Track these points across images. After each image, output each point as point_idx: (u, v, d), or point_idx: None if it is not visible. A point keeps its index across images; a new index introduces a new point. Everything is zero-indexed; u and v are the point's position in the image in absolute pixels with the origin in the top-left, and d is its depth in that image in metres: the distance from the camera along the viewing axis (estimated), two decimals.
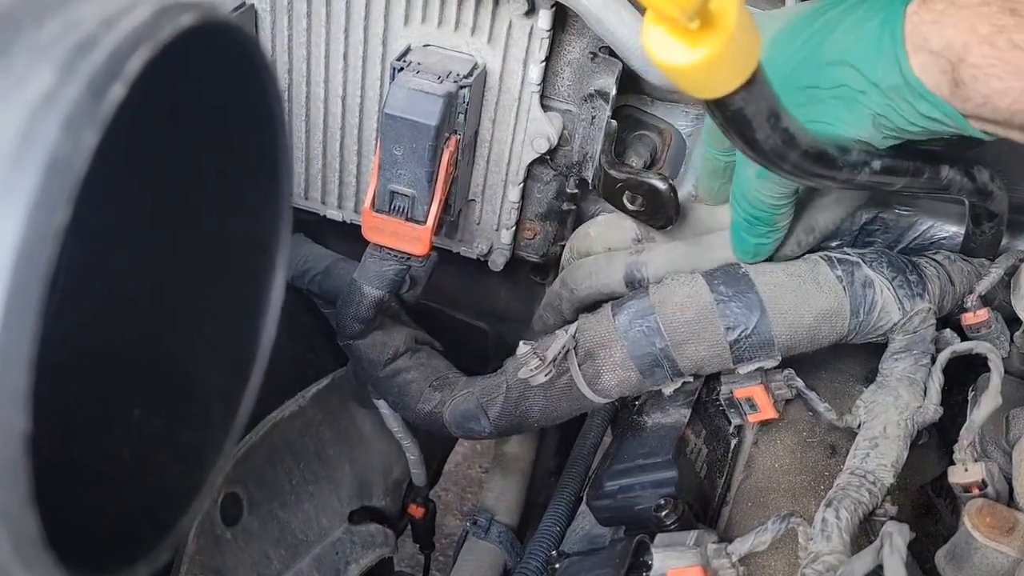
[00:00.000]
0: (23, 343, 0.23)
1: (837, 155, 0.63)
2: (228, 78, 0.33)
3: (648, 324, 0.80)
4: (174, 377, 0.40)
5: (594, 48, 0.90)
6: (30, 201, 0.23)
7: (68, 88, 0.24)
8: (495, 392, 0.89)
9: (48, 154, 0.23)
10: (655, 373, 0.81)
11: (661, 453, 0.79)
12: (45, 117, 0.24)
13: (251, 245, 0.38)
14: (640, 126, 0.99)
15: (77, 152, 0.24)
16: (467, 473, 2.23)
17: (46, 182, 0.23)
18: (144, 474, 0.37)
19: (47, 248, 0.23)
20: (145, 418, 0.38)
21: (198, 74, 0.32)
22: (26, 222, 0.23)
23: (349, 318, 0.93)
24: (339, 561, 1.07)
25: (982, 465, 0.70)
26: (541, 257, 1.03)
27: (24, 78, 0.24)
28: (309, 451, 1.04)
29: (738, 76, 0.50)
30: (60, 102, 0.24)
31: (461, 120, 0.87)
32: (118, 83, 0.25)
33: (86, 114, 0.24)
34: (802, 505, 0.77)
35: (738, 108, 0.53)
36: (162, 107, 0.27)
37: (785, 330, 0.77)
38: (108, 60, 0.25)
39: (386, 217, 0.88)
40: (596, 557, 0.74)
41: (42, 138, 0.23)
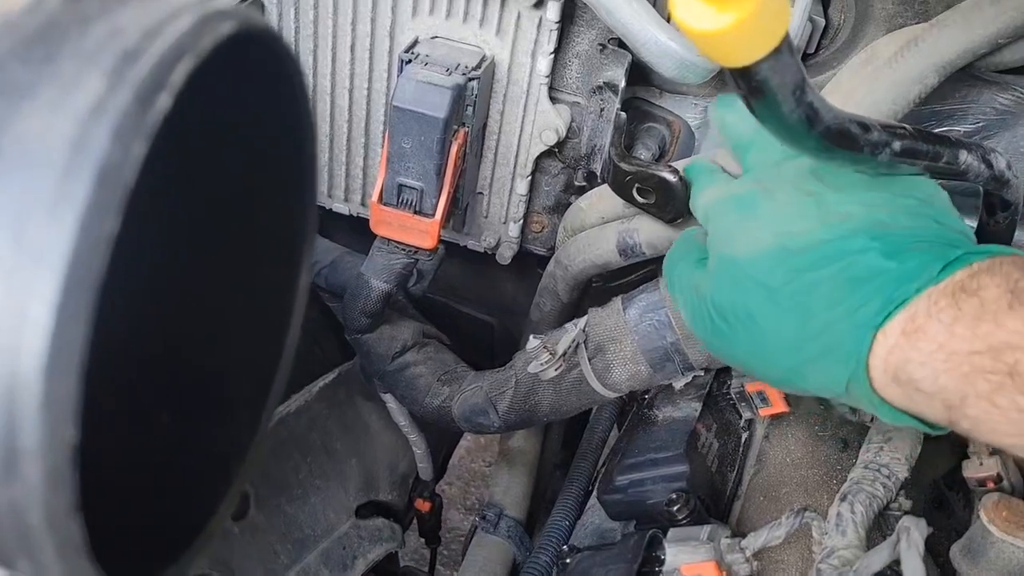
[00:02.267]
0: (74, 353, 0.23)
1: (859, 134, 0.62)
2: (260, 82, 0.33)
3: (659, 318, 0.80)
4: (201, 381, 0.39)
5: (603, 40, 0.89)
6: (82, 210, 0.23)
7: (117, 97, 0.24)
8: (504, 386, 0.89)
9: (99, 163, 0.23)
10: (666, 367, 0.81)
11: (672, 447, 0.79)
12: (95, 126, 0.23)
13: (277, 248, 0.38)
14: (648, 118, 0.99)
15: (127, 161, 0.23)
16: (471, 467, 2.23)
17: (97, 191, 0.23)
18: (172, 478, 0.37)
19: (98, 257, 0.23)
20: (174, 422, 0.38)
21: (232, 79, 0.32)
22: (78, 231, 0.23)
23: (357, 312, 0.92)
24: (346, 556, 1.07)
25: (997, 459, 0.70)
26: (549, 250, 1.03)
27: (73, 86, 0.24)
28: (316, 445, 1.04)
29: (766, 43, 0.48)
30: (109, 111, 0.24)
31: (469, 113, 0.86)
32: (164, 92, 0.24)
33: (135, 124, 0.24)
34: (815, 499, 0.77)
35: (764, 78, 0.51)
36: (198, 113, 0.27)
37: None
38: (154, 70, 0.24)
39: (394, 210, 0.87)
40: (608, 552, 0.74)
41: (93, 147, 0.23)
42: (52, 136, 0.23)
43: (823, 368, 0.55)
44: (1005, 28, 0.77)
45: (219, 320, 0.39)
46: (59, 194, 0.23)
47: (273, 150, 0.36)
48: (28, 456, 0.24)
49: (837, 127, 0.60)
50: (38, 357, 0.23)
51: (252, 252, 0.38)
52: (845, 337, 0.54)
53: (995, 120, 0.91)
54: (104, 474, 0.32)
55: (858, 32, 0.89)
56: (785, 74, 0.52)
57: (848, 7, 0.89)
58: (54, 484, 0.24)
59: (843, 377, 0.54)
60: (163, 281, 0.37)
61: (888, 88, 0.82)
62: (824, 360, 0.55)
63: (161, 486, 0.37)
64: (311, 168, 0.36)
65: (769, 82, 0.52)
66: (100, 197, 0.23)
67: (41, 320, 0.23)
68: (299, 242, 0.38)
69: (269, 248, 0.38)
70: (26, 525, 0.24)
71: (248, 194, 0.37)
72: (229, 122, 0.35)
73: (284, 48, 0.32)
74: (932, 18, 0.85)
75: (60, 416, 0.24)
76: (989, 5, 0.77)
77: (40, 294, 0.23)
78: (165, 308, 0.37)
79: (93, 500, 0.28)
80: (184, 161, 0.31)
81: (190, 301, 0.38)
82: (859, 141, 0.63)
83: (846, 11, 0.89)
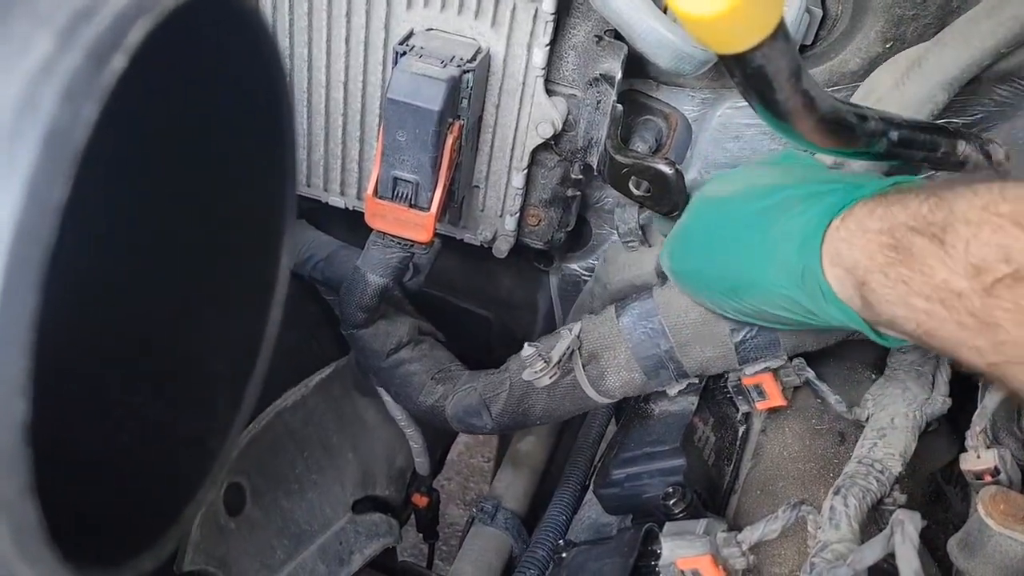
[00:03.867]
0: (21, 323, 0.22)
1: (856, 123, 0.62)
2: (231, 51, 0.32)
3: (652, 326, 0.79)
4: (177, 362, 0.39)
5: (599, 31, 0.88)
6: (29, 174, 0.22)
7: (67, 57, 0.23)
8: (498, 389, 0.88)
9: (47, 125, 0.22)
10: (660, 374, 0.80)
11: (669, 441, 0.78)
12: (44, 86, 0.23)
13: (256, 227, 0.37)
14: (645, 111, 0.98)
15: (76, 124, 0.23)
16: (470, 462, 2.22)
17: (45, 154, 0.22)
18: (147, 462, 0.36)
19: (47, 224, 0.22)
20: (147, 404, 0.37)
21: (200, 46, 0.31)
22: (25, 196, 0.22)
23: (353, 306, 0.92)
24: (343, 551, 1.06)
25: (995, 452, 0.69)
26: (545, 244, 1.02)
27: (23, 46, 0.23)
28: (312, 440, 1.03)
29: (761, 29, 0.48)
30: (59, 71, 0.23)
31: (465, 105, 0.86)
32: (119, 53, 0.24)
33: (86, 84, 0.23)
34: (811, 493, 0.76)
35: (759, 65, 0.51)
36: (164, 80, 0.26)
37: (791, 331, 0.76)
38: (109, 29, 0.24)
39: (389, 204, 0.86)
40: (604, 546, 0.73)
41: (41, 108, 0.22)
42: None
43: (782, 261, 0.64)
44: (1004, 39, 0.77)
45: (195, 300, 0.38)
46: (4, 158, 0.22)
47: (248, 121, 0.35)
48: None
49: (834, 115, 0.59)
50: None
51: (231, 231, 0.38)
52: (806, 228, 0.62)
53: (994, 111, 0.90)
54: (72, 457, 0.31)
55: (856, 23, 0.88)
56: (780, 61, 0.52)
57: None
58: (5, 464, 0.23)
59: (799, 266, 0.62)
60: (138, 263, 0.36)
61: (899, 111, 0.81)
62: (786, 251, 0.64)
63: (134, 470, 0.36)
64: (289, 141, 0.35)
65: (764, 69, 0.51)
66: (48, 161, 0.22)
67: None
68: (279, 218, 0.37)
69: (248, 226, 0.37)
70: None
71: (224, 169, 0.37)
72: (200, 92, 0.34)
73: (253, 12, 0.31)
74: (929, 9, 0.85)
75: (8, 394, 0.23)
76: (985, 19, 0.78)
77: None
78: (136, 287, 0.37)
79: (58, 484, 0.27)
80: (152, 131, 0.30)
81: (167, 282, 0.38)
82: (856, 130, 0.62)
83: (843, 2, 0.88)
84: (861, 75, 0.89)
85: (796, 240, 0.63)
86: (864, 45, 0.88)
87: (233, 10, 0.30)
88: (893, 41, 0.87)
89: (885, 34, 0.87)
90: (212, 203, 0.37)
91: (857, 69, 0.90)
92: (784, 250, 0.64)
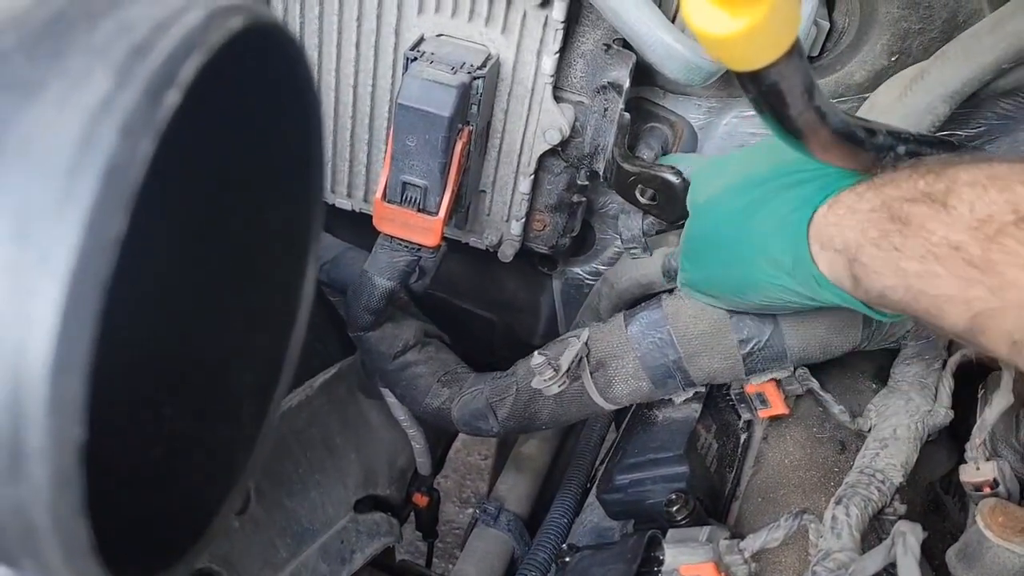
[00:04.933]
0: (80, 354, 0.23)
1: (865, 138, 0.63)
2: (268, 77, 0.33)
3: (661, 335, 0.80)
4: (204, 374, 0.39)
5: (608, 40, 0.89)
6: (88, 210, 0.23)
7: (125, 94, 0.24)
8: (505, 393, 0.89)
9: (106, 162, 0.23)
10: (667, 384, 0.81)
11: (673, 448, 0.79)
12: (103, 123, 0.23)
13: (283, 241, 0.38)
14: (651, 118, 0.99)
15: (134, 160, 0.23)
16: (467, 460, 2.23)
17: (104, 190, 0.23)
18: (175, 474, 0.37)
19: (105, 258, 0.23)
20: (175, 415, 0.38)
21: (241, 74, 0.32)
22: (84, 232, 0.23)
23: (360, 309, 0.92)
24: (344, 550, 1.07)
25: (994, 464, 0.70)
26: (550, 249, 1.03)
27: (80, 82, 0.24)
28: (316, 440, 1.04)
29: (777, 48, 0.49)
30: (118, 108, 0.23)
31: (474, 111, 0.86)
32: (173, 89, 0.24)
33: (143, 121, 0.24)
34: (812, 501, 0.77)
35: (773, 82, 0.52)
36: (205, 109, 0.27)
37: (798, 342, 0.77)
38: (163, 65, 0.24)
39: (397, 208, 0.87)
40: (608, 552, 0.74)
41: (100, 145, 0.23)
42: (59, 133, 0.23)
43: (773, 253, 0.67)
44: (1006, 54, 0.78)
45: (225, 314, 0.39)
46: (65, 193, 0.23)
47: (280, 144, 0.36)
48: (34, 457, 0.23)
49: (844, 130, 0.60)
50: (44, 358, 0.23)
51: (259, 246, 0.38)
52: (790, 220, 0.65)
53: (996, 124, 0.91)
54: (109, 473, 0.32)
55: (862, 36, 0.89)
56: (794, 78, 0.52)
57: (852, 11, 0.89)
58: (61, 485, 0.24)
59: (789, 254, 0.65)
60: (169, 278, 0.37)
61: (900, 121, 0.83)
62: (773, 244, 0.66)
63: (165, 483, 0.37)
64: (318, 162, 0.36)
65: (779, 85, 0.52)
66: (107, 196, 0.23)
67: (47, 321, 0.23)
68: (306, 235, 0.38)
69: (276, 241, 0.38)
70: (32, 526, 0.24)
71: (254, 188, 0.37)
72: (235, 117, 0.34)
73: (293, 43, 0.32)
74: (935, 24, 0.86)
75: (67, 417, 0.23)
76: (987, 34, 0.79)
77: (45, 295, 0.23)
78: (170, 304, 0.37)
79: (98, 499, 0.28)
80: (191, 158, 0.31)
81: (196, 296, 0.38)
82: (865, 144, 0.63)
83: (850, 14, 0.89)
84: (867, 87, 0.90)
85: (781, 233, 0.66)
86: (870, 58, 0.89)
87: (274, 41, 0.31)
88: (899, 54, 0.88)
89: (891, 47, 0.88)
90: (244, 221, 0.38)
91: (863, 81, 0.90)
92: (771, 244, 0.67)
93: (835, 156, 0.62)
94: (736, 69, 0.51)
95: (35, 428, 0.23)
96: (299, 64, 0.33)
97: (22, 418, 0.23)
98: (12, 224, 0.23)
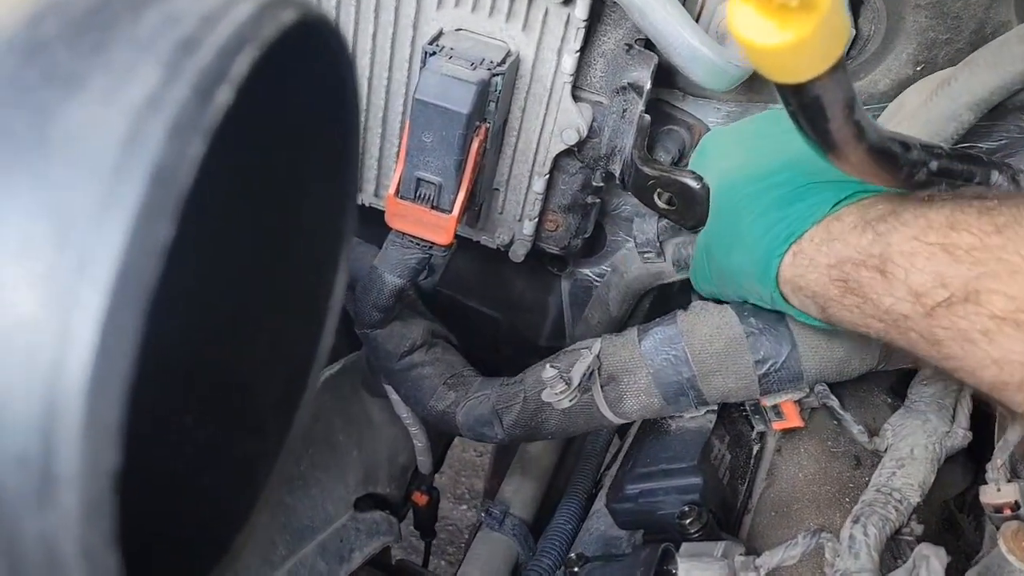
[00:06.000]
0: (120, 373, 0.21)
1: (900, 152, 0.61)
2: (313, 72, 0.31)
3: (675, 352, 0.78)
4: (228, 383, 0.37)
5: (630, 40, 0.87)
6: (134, 215, 0.21)
7: (174, 90, 0.22)
8: (512, 401, 0.87)
9: (153, 163, 0.21)
10: (679, 401, 0.79)
11: (686, 459, 0.78)
12: (150, 121, 0.21)
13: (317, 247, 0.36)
14: (669, 120, 0.97)
15: (183, 161, 0.21)
16: (462, 456, 2.21)
17: (151, 194, 0.21)
18: (198, 489, 0.35)
19: (150, 267, 0.21)
20: (198, 425, 0.36)
21: (286, 69, 0.30)
22: (129, 238, 0.21)
23: (368, 306, 0.90)
24: (343, 548, 1.05)
25: (1015, 486, 0.69)
26: (562, 250, 1.01)
27: (126, 76, 0.22)
28: (318, 437, 1.02)
29: (824, 61, 0.47)
30: (166, 105, 0.22)
31: (492, 108, 0.84)
32: (225, 85, 0.22)
33: (193, 120, 0.22)
34: (827, 517, 0.76)
35: (816, 96, 0.50)
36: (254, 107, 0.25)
37: (815, 364, 0.75)
38: (215, 60, 0.22)
39: (411, 204, 0.85)
40: (619, 564, 0.73)
41: (147, 145, 0.21)
42: (103, 131, 0.21)
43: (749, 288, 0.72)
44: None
45: (254, 323, 0.37)
46: (109, 196, 0.21)
47: (317, 142, 0.34)
48: (65, 484, 0.22)
49: (880, 145, 0.58)
50: (81, 377, 0.21)
51: (292, 253, 0.36)
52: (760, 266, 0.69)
53: (1018, 138, 0.90)
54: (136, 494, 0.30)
55: (888, 44, 0.88)
56: (838, 91, 0.51)
57: (879, 18, 0.88)
58: (92, 514, 0.22)
59: (767, 293, 0.70)
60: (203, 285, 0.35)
61: (924, 126, 0.81)
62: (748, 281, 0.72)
63: (185, 496, 0.35)
64: (353, 161, 0.34)
65: (821, 100, 0.50)
66: (154, 200, 0.21)
67: (85, 336, 0.21)
68: (338, 241, 0.36)
69: (309, 248, 0.36)
70: (59, 557, 0.22)
71: (289, 189, 0.35)
72: (277, 114, 0.32)
73: (339, 38, 0.30)
74: (963, 34, 0.84)
75: (102, 442, 0.22)
76: (1017, 43, 0.77)
77: (85, 307, 0.21)
78: (202, 312, 0.35)
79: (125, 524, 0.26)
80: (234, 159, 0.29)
81: (227, 304, 0.36)
82: (899, 160, 0.62)
83: (877, 22, 0.88)
84: (890, 96, 0.89)
85: (756, 271, 0.70)
86: (895, 67, 0.88)
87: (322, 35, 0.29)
88: (924, 64, 0.87)
89: (916, 57, 0.87)
90: (281, 226, 0.36)
91: (887, 90, 0.89)
92: (748, 279, 0.71)
93: (868, 172, 0.61)
94: (779, 81, 0.49)
95: (68, 453, 0.21)
96: (343, 59, 0.31)
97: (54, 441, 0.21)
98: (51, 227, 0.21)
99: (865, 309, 0.61)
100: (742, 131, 0.84)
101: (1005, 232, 0.53)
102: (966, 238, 0.54)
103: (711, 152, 0.83)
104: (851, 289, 0.61)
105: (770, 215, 0.69)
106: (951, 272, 0.54)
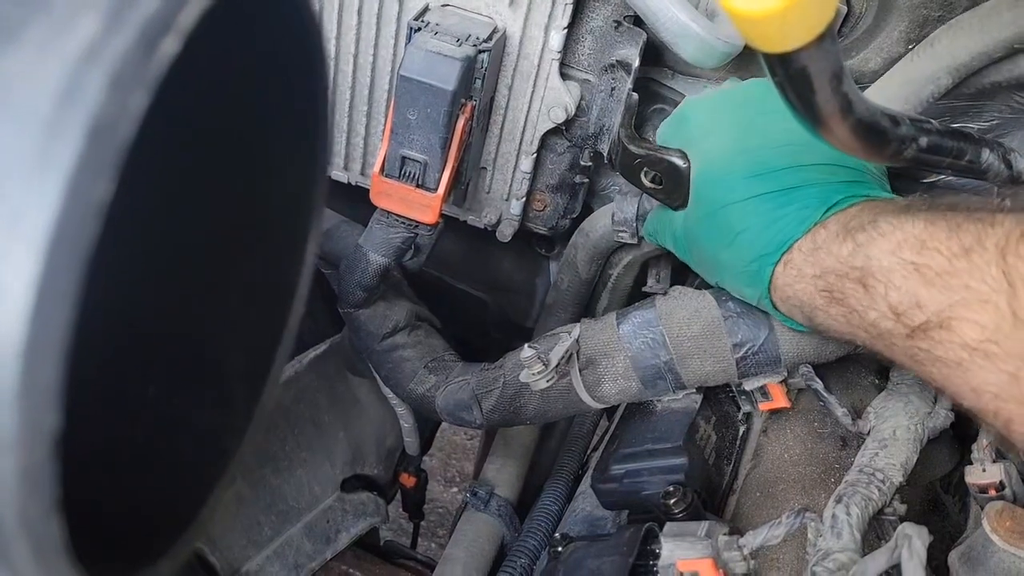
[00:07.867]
0: (57, 334, 0.21)
1: (888, 127, 0.60)
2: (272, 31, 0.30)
3: (653, 336, 0.78)
4: (193, 354, 0.37)
5: (618, 16, 0.86)
6: (69, 171, 0.20)
7: (115, 40, 0.21)
8: (491, 386, 0.86)
9: (91, 116, 0.20)
10: (657, 385, 0.79)
11: (671, 439, 0.77)
12: (89, 73, 0.20)
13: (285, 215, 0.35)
14: (658, 99, 0.96)
15: (124, 115, 0.21)
16: (452, 439, 2.21)
17: (88, 149, 0.20)
18: (160, 460, 0.35)
19: (87, 227, 0.20)
20: (161, 397, 0.35)
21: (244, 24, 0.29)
22: (64, 197, 0.20)
23: (353, 285, 0.90)
24: (330, 529, 1.05)
25: (1000, 466, 0.69)
26: (549, 230, 1.01)
27: (64, 26, 0.21)
28: (304, 417, 1.02)
29: (811, 30, 0.46)
30: (106, 56, 0.21)
31: (478, 86, 0.83)
32: (171, 36, 0.21)
33: (135, 71, 0.21)
34: (812, 497, 0.76)
35: (802, 66, 0.49)
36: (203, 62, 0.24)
37: (792, 348, 0.75)
38: (160, 9, 0.21)
39: (396, 183, 0.84)
40: (603, 543, 0.72)
41: (85, 97, 0.20)
42: (38, 83, 0.20)
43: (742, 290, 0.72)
44: (1021, 32, 0.76)
45: (218, 289, 0.36)
46: (43, 151, 0.20)
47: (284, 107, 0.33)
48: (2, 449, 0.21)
49: (869, 119, 0.57)
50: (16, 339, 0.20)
51: (257, 217, 0.35)
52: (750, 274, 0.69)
53: (1010, 118, 0.89)
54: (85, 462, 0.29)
55: (880, 21, 0.87)
56: (825, 62, 0.50)
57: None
58: (31, 481, 0.21)
59: (755, 297, 0.70)
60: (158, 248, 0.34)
61: (901, 86, 0.81)
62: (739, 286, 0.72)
63: (147, 469, 0.34)
64: (324, 128, 0.33)
65: (808, 70, 0.49)
66: (91, 156, 0.20)
67: (20, 297, 0.20)
68: (308, 210, 0.35)
69: (276, 215, 0.35)
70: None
71: (255, 154, 0.34)
72: (237, 73, 0.31)
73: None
74: (956, 12, 0.83)
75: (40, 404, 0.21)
76: (1007, 9, 0.76)
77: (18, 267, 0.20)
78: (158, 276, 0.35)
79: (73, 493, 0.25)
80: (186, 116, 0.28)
81: (186, 269, 0.36)
82: (888, 135, 0.61)
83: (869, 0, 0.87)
84: (881, 74, 0.88)
85: (745, 276, 0.70)
86: (887, 45, 0.87)
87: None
88: (916, 42, 0.86)
89: (908, 35, 0.86)
90: (242, 189, 0.35)
91: (878, 68, 0.88)
92: (735, 281, 0.72)
93: (856, 146, 0.60)
94: (766, 51, 0.48)
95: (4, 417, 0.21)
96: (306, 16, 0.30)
97: None
98: None
99: (851, 320, 0.61)
100: (726, 103, 0.79)
101: (971, 256, 0.53)
102: (936, 259, 0.54)
103: (693, 125, 0.79)
104: (836, 299, 0.62)
105: (761, 217, 0.68)
106: (925, 295, 0.54)
